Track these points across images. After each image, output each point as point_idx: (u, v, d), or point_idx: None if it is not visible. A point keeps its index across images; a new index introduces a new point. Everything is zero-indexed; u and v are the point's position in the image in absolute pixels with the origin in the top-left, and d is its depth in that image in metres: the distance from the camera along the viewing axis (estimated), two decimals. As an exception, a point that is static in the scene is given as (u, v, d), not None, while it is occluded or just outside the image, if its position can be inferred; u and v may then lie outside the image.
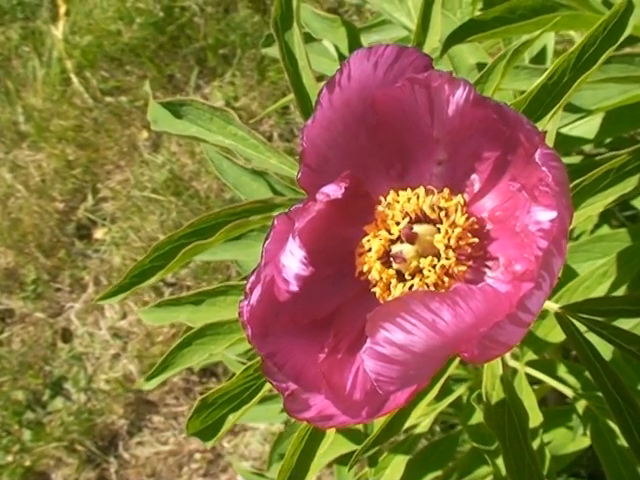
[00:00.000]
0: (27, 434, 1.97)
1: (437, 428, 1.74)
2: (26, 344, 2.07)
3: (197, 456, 1.93)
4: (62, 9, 2.41)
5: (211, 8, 2.35)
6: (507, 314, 0.48)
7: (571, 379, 1.06)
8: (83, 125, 2.28)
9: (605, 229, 1.16)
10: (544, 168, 0.50)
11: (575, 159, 1.30)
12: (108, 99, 2.30)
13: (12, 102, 2.33)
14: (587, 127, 1.01)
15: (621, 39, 0.65)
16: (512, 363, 0.96)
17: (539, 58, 1.05)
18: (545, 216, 0.52)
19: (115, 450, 1.95)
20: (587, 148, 1.43)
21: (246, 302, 0.55)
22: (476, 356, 0.50)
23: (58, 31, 2.38)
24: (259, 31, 2.28)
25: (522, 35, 0.91)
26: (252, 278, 0.56)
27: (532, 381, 1.08)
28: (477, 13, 1.03)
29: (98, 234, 2.18)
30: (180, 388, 1.99)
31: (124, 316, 2.07)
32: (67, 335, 2.08)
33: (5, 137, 2.30)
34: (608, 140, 1.19)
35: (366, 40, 1.22)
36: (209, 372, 1.98)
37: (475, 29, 0.91)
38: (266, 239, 0.56)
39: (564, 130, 0.99)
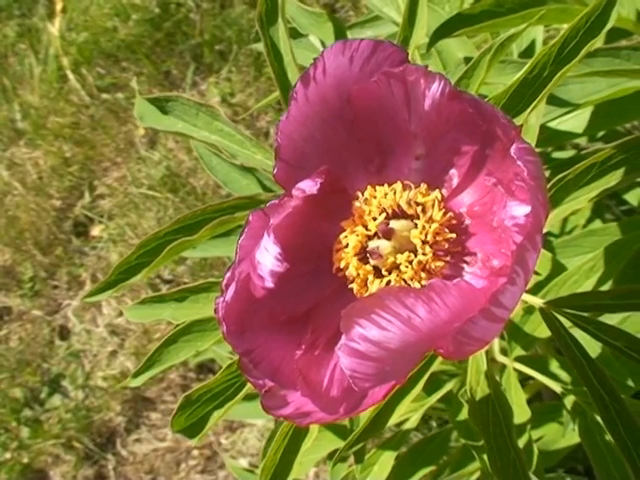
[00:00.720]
0: (25, 431, 1.97)
1: (434, 424, 1.74)
2: (24, 342, 2.07)
3: (195, 453, 1.93)
4: (58, 6, 2.41)
5: (207, 4, 2.34)
6: (480, 310, 0.47)
7: (563, 374, 1.05)
8: (80, 122, 2.27)
9: (597, 223, 1.16)
10: (519, 162, 0.50)
11: (569, 153, 1.29)
12: (104, 96, 2.30)
13: (9, 99, 2.33)
14: (576, 121, 1.00)
15: (603, 32, 0.64)
16: (501, 359, 0.96)
17: (528, 52, 1.05)
18: (520, 211, 0.51)
19: (113, 447, 1.95)
20: (583, 142, 1.43)
21: (222, 299, 0.55)
22: (452, 352, 0.50)
23: (54, 28, 2.38)
24: (255, 27, 2.27)
25: (510, 29, 0.91)
26: (227, 275, 0.55)
27: (526, 377, 1.08)
28: (465, 7, 1.03)
29: (95, 231, 2.18)
30: (177, 385, 1.99)
31: (121, 313, 2.07)
32: (64, 332, 2.08)
33: (2, 134, 2.30)
34: (602, 133, 1.18)
35: (358, 35, 1.21)
36: (206, 368, 1.98)
37: (462, 23, 0.90)
38: (241, 235, 0.55)
39: (553, 124, 0.99)
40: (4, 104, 2.33)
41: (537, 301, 0.73)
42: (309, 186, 0.55)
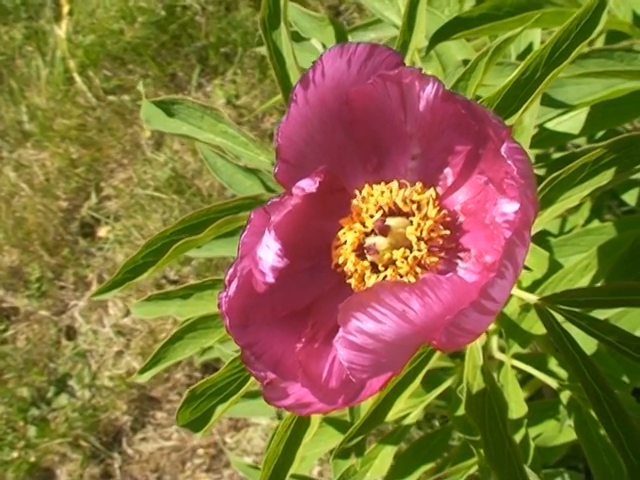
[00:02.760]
0: (32, 430, 1.99)
1: (436, 423, 1.75)
2: (31, 342, 2.09)
3: (200, 451, 1.94)
4: (65, 9, 2.43)
5: (212, 7, 2.36)
6: (471, 302, 0.49)
7: (561, 372, 1.07)
8: (86, 124, 2.30)
9: (595, 223, 1.17)
10: (509, 161, 0.52)
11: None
12: (111, 98, 2.32)
13: (16, 101, 2.35)
14: (573, 122, 1.01)
15: (593, 34, 0.66)
16: (498, 355, 0.98)
17: (526, 54, 1.06)
18: (510, 208, 0.53)
19: (119, 446, 1.97)
20: (583, 143, 1.44)
21: (225, 294, 0.57)
22: (444, 343, 0.52)
23: (61, 31, 2.40)
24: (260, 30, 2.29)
25: (508, 32, 0.93)
26: (230, 271, 0.57)
27: (525, 375, 1.09)
28: (465, 10, 1.04)
29: (101, 232, 2.20)
30: (183, 384, 2.01)
31: (127, 313, 2.09)
32: (71, 332, 2.10)
33: (9, 136, 2.32)
34: (601, 134, 1.19)
35: (361, 38, 1.23)
36: (212, 368, 2.00)
37: (461, 26, 0.92)
38: (243, 232, 0.57)
39: (550, 125, 1.01)
40: (11, 106, 2.35)
41: (532, 297, 0.74)
42: (308, 185, 0.57)
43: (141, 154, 2.25)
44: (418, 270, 0.58)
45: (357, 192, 0.61)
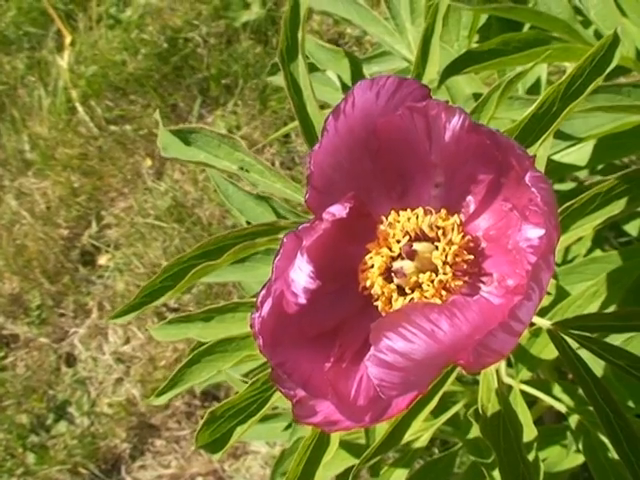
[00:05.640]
0: (31, 457, 1.99)
1: (436, 450, 1.77)
2: (30, 369, 2.09)
3: (199, 479, 1.95)
4: (67, 39, 2.46)
5: (214, 39, 2.40)
6: (500, 323, 0.52)
7: (565, 398, 1.09)
8: (88, 153, 2.32)
9: (597, 253, 1.20)
10: (533, 189, 0.55)
11: (569, 185, 1.34)
12: (113, 128, 2.35)
13: (18, 131, 2.37)
14: (579, 154, 1.05)
15: (607, 70, 0.69)
16: (507, 380, 1.00)
17: (533, 89, 1.10)
18: (534, 233, 0.56)
19: (118, 473, 1.98)
20: (582, 175, 1.47)
21: (257, 314, 0.59)
22: (472, 363, 0.54)
23: (63, 61, 2.43)
24: (261, 61, 2.34)
25: (516, 67, 0.96)
26: (263, 292, 0.59)
27: (528, 401, 1.11)
28: (473, 45, 1.08)
29: (102, 260, 2.22)
30: (182, 412, 2.01)
31: (127, 341, 2.10)
32: (71, 360, 2.11)
33: (11, 165, 2.34)
34: (600, 167, 1.23)
35: (367, 71, 1.26)
36: (211, 396, 2.01)
37: (471, 61, 0.95)
38: (276, 256, 0.60)
39: (557, 157, 1.04)
40: (13, 135, 2.37)
41: (545, 322, 0.77)
42: (339, 210, 0.60)
43: (142, 183, 2.27)
44: (443, 293, 0.60)
45: (383, 218, 0.63)
